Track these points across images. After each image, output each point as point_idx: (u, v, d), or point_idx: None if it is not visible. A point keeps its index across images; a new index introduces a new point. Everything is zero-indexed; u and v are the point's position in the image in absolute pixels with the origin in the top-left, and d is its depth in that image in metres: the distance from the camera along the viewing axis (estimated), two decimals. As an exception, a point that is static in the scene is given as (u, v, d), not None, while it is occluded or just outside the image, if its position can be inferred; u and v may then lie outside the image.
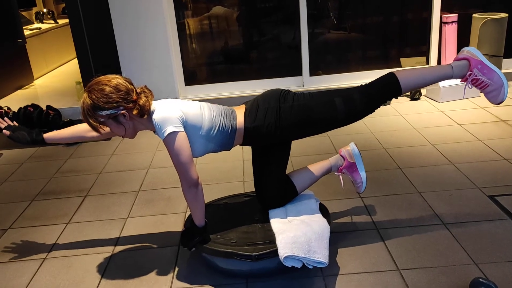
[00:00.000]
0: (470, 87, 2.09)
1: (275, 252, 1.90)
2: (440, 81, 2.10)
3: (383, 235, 2.25)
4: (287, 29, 4.65)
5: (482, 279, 1.76)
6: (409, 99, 4.28)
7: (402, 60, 4.72)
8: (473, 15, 4.23)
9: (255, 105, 2.06)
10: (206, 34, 4.74)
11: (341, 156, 2.33)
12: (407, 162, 3.01)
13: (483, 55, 2.08)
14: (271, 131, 2.02)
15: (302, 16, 4.43)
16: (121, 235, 2.45)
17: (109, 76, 1.90)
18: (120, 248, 2.33)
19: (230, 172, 3.10)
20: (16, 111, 4.25)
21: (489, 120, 3.60)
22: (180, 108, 1.93)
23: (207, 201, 2.36)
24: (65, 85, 5.76)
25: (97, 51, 4.44)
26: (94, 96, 1.85)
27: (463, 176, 2.76)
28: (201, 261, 2.15)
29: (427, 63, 4.67)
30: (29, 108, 4.22)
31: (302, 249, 1.88)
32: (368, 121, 3.77)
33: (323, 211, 2.20)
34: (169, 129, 1.85)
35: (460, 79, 2.10)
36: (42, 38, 6.65)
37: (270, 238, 1.99)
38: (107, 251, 2.31)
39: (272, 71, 4.73)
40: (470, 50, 2.08)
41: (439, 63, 4.58)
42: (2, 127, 2.26)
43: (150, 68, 4.43)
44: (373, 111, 2.07)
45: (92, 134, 2.16)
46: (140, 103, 1.88)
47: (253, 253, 1.90)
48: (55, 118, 4.23)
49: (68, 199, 2.91)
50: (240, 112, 2.07)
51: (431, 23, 4.52)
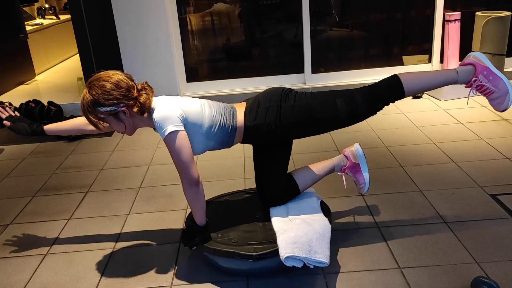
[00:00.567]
0: (475, 93, 2.06)
1: (276, 252, 1.90)
2: (444, 85, 2.07)
3: (384, 234, 2.25)
4: (289, 26, 4.64)
5: (483, 278, 1.76)
6: (411, 97, 4.28)
7: (404, 58, 4.71)
8: (476, 13, 4.21)
9: (256, 103, 2.05)
10: (208, 30, 4.73)
11: (344, 156, 2.32)
12: (408, 161, 3.01)
13: (486, 53, 2.06)
14: (271, 130, 2.01)
15: (305, 13, 4.42)
16: (122, 231, 2.45)
17: (110, 72, 1.89)
18: (121, 244, 2.33)
19: (231, 169, 3.10)
20: (17, 106, 4.25)
21: (491, 119, 3.59)
22: (180, 106, 1.92)
23: (208, 198, 2.35)
24: (67, 81, 5.75)
25: (99, 47, 4.43)
26: (94, 92, 1.84)
27: (465, 175, 2.75)
28: (202, 258, 2.15)
29: (430, 61, 4.65)
30: (30, 103, 4.22)
31: (303, 249, 1.88)
32: (369, 119, 3.76)
33: (325, 209, 2.19)
34: (169, 128, 1.84)
35: (465, 85, 2.07)
36: (43, 33, 6.64)
37: (271, 237, 1.99)
38: (108, 247, 2.31)
39: (274, 68, 4.72)
40: (477, 56, 2.04)
41: (441, 61, 4.57)
42: (3, 117, 2.25)
43: (152, 65, 4.42)
44: (375, 113, 2.05)
45: (91, 127, 2.15)
46: (141, 101, 1.87)
47: (254, 253, 1.90)
48: (56, 113, 4.23)
49: (70, 195, 2.91)
50: (240, 110, 2.06)
51: (434, 21, 4.51)
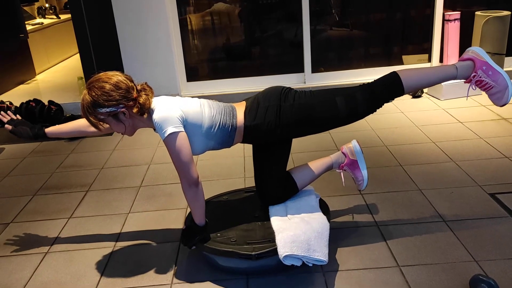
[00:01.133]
0: (474, 88, 2.07)
1: (274, 251, 1.91)
2: (444, 81, 2.07)
3: (383, 232, 2.25)
4: (289, 26, 4.64)
5: (481, 276, 1.77)
6: (411, 97, 4.28)
7: (404, 58, 4.72)
8: (476, 12, 4.22)
9: (255, 103, 2.06)
10: (208, 30, 4.74)
11: (342, 153, 2.33)
12: (408, 160, 3.01)
13: (486, 53, 2.07)
14: (271, 129, 2.02)
15: (304, 12, 4.43)
16: (122, 230, 2.46)
17: (110, 73, 1.89)
18: (121, 243, 2.34)
19: (231, 168, 3.11)
20: (18, 106, 4.26)
21: (490, 118, 3.60)
22: (180, 107, 1.92)
23: (207, 197, 2.36)
24: (67, 80, 5.76)
25: (99, 46, 4.44)
26: (94, 94, 1.84)
27: (464, 174, 2.76)
28: (201, 257, 2.15)
29: (429, 60, 4.66)
30: (31, 103, 4.23)
31: (301, 248, 1.89)
32: (369, 118, 3.77)
33: (323, 207, 2.20)
34: (169, 130, 1.85)
35: (464, 80, 2.08)
36: (44, 33, 6.65)
37: (270, 236, 1.99)
38: (108, 246, 2.32)
39: (274, 67, 4.73)
40: (475, 50, 2.05)
41: (441, 61, 4.58)
42: (5, 121, 2.26)
43: (152, 64, 4.43)
44: (375, 111, 2.06)
45: (92, 129, 2.16)
46: (141, 101, 1.87)
47: (253, 252, 1.90)
48: (57, 113, 4.24)
49: (70, 194, 2.92)
50: (240, 109, 2.07)
51: (434, 20, 4.51)
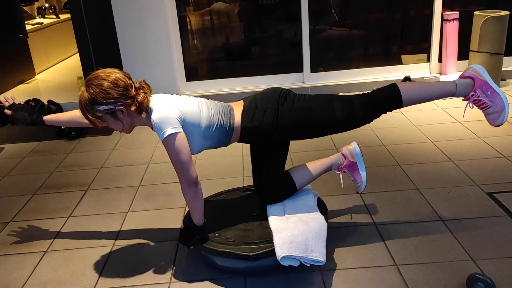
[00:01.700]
0: (472, 106, 2.07)
1: (272, 252, 1.91)
2: (442, 98, 2.07)
3: (381, 231, 2.26)
4: (288, 26, 4.65)
5: (478, 274, 1.78)
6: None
7: (403, 57, 4.73)
8: (475, 12, 4.23)
9: (253, 104, 2.06)
10: (207, 30, 4.75)
11: (342, 154, 2.33)
12: (406, 159, 3.02)
13: (485, 52, 2.07)
14: (268, 132, 2.02)
15: (304, 12, 4.44)
16: (122, 229, 2.47)
17: (108, 70, 1.89)
18: (120, 242, 2.35)
19: (230, 167, 3.11)
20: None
21: (489, 118, 3.60)
22: (178, 107, 1.92)
23: (206, 196, 2.37)
24: (67, 80, 5.77)
25: (99, 46, 4.45)
26: (92, 91, 1.84)
27: (462, 173, 2.77)
28: (200, 256, 2.16)
29: (428, 60, 4.67)
30: (30, 102, 4.23)
31: (299, 249, 1.89)
32: (368, 118, 3.78)
33: (321, 207, 2.21)
34: (168, 131, 1.85)
35: (462, 98, 2.08)
36: (44, 33, 6.66)
37: (268, 236, 2.00)
38: (107, 244, 2.33)
39: (273, 67, 4.74)
40: (476, 69, 2.04)
41: (440, 60, 4.59)
42: (6, 105, 2.28)
43: (151, 63, 4.44)
44: (371, 121, 2.06)
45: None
46: (139, 99, 1.87)
47: (251, 253, 1.91)
48: (56, 112, 4.23)
49: (69, 193, 2.92)
50: (238, 109, 2.07)
51: (432, 20, 4.52)
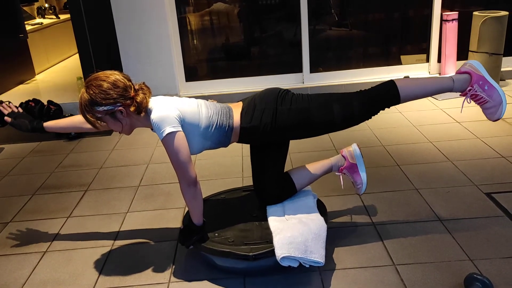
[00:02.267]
0: (469, 101, 2.09)
1: (272, 252, 1.91)
2: (440, 93, 2.09)
3: (380, 231, 2.27)
4: (288, 26, 4.66)
5: (476, 274, 1.78)
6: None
7: (402, 58, 4.73)
8: (474, 13, 4.23)
9: (252, 104, 2.07)
10: (207, 30, 4.75)
11: (342, 156, 2.33)
12: (405, 159, 3.03)
13: (484, 53, 2.08)
14: (267, 132, 2.03)
15: (303, 12, 4.44)
16: (121, 229, 2.47)
17: (108, 72, 1.92)
18: (119, 242, 2.36)
19: (229, 168, 3.12)
20: (17, 105, 4.26)
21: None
22: (177, 107, 1.93)
23: (205, 196, 2.38)
24: (66, 80, 5.78)
25: (98, 46, 4.45)
26: (91, 92, 1.86)
27: (461, 173, 2.78)
28: (199, 256, 2.17)
29: (427, 60, 4.67)
30: (30, 102, 4.24)
31: (298, 249, 1.90)
32: (367, 118, 3.78)
33: (321, 208, 2.21)
34: (167, 130, 1.86)
35: (460, 93, 2.10)
36: (43, 33, 6.66)
37: (267, 237, 2.00)
38: (106, 245, 2.34)
39: (272, 67, 4.75)
40: (473, 64, 2.06)
41: (439, 61, 4.59)
42: (6, 113, 2.29)
43: (151, 64, 4.45)
44: (370, 118, 2.07)
45: (90, 125, 2.18)
46: (138, 100, 1.89)
47: (250, 253, 1.91)
48: (56, 113, 4.25)
49: (69, 193, 2.93)
50: (237, 110, 2.08)
51: (432, 20, 4.53)
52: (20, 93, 5.34)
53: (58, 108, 4.31)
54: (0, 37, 5.41)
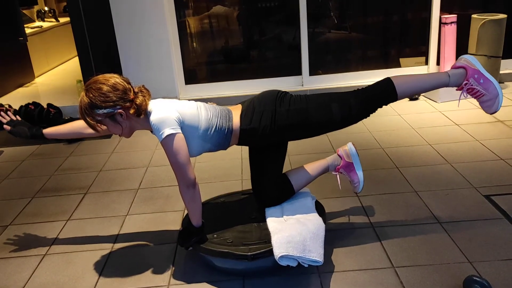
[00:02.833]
0: (466, 95, 2.12)
1: (270, 252, 1.92)
2: (436, 88, 2.12)
3: (379, 234, 2.27)
4: (287, 29, 4.67)
5: (475, 277, 1.79)
6: (408, 99, 4.30)
7: (401, 60, 4.75)
8: (472, 15, 4.25)
9: (251, 106, 2.08)
10: (207, 33, 4.76)
11: (338, 155, 2.35)
12: (404, 162, 3.03)
13: (482, 55, 2.10)
14: (266, 133, 2.04)
15: (302, 15, 4.45)
16: (120, 232, 2.48)
17: (107, 75, 1.93)
18: (119, 245, 2.36)
19: (229, 170, 3.12)
20: (17, 109, 4.28)
21: (486, 121, 3.62)
22: (177, 109, 1.94)
23: (205, 199, 2.38)
24: (66, 83, 5.78)
25: (98, 49, 4.46)
26: (91, 95, 1.87)
27: (460, 176, 2.78)
28: (198, 258, 2.17)
29: (426, 63, 4.69)
30: (30, 106, 4.25)
31: (297, 249, 1.90)
32: (366, 121, 3.75)
33: (319, 209, 2.22)
34: (167, 131, 1.87)
35: (456, 88, 2.12)
36: (43, 36, 6.67)
37: (266, 237, 2.01)
38: (106, 247, 2.34)
39: (272, 70, 4.75)
40: (468, 59, 2.09)
41: (438, 63, 4.60)
42: (4, 122, 2.29)
43: (151, 67, 4.46)
44: (368, 116, 2.09)
45: (90, 130, 2.16)
46: (137, 103, 1.90)
47: (249, 253, 1.92)
48: (55, 116, 4.26)
49: (68, 196, 2.93)
50: (236, 113, 2.09)
51: (431, 23, 4.54)
52: (19, 96, 5.34)
53: (58, 111, 4.32)
54: (0, 40, 5.42)
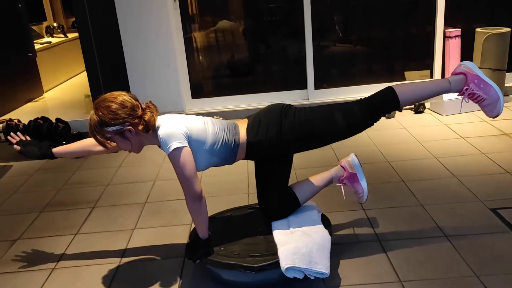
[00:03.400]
0: (467, 101, 2.15)
1: (277, 264, 1.93)
2: (437, 95, 2.16)
3: (385, 247, 2.27)
4: (292, 43, 4.71)
5: (482, 291, 1.79)
6: (413, 112, 4.32)
7: (406, 74, 4.77)
8: (476, 29, 4.27)
9: (257, 120, 2.11)
10: (212, 47, 4.82)
11: (341, 167, 2.37)
12: (410, 175, 3.04)
13: (487, 69, 2.14)
14: (272, 145, 2.07)
15: (307, 29, 4.49)
16: (128, 246, 2.49)
17: (115, 93, 1.97)
18: (126, 259, 2.37)
19: (235, 184, 3.14)
20: (26, 123, 4.33)
21: (492, 134, 3.62)
22: (184, 124, 1.98)
23: (212, 213, 2.39)
24: (74, 98, 5.84)
25: (106, 64, 4.52)
26: (100, 113, 1.91)
27: (466, 189, 2.78)
28: (205, 272, 2.18)
29: (431, 76, 4.70)
30: (39, 120, 4.30)
31: (303, 260, 1.92)
32: (372, 134, 3.81)
33: (325, 222, 2.23)
34: (174, 145, 1.90)
35: (457, 93, 2.15)
36: (52, 51, 6.76)
37: (272, 249, 2.02)
38: (114, 262, 2.36)
39: (277, 84, 4.79)
40: (467, 65, 2.14)
41: (442, 77, 4.62)
42: (14, 142, 2.34)
43: (157, 81, 4.50)
44: (372, 124, 2.12)
45: (99, 148, 2.20)
46: (146, 119, 1.94)
47: (255, 265, 1.93)
48: (64, 130, 4.30)
49: (76, 211, 2.96)
50: (242, 126, 2.12)
51: (435, 37, 4.57)
52: (28, 110, 5.40)
53: (66, 126, 4.37)
54: (9, 55, 5.51)
